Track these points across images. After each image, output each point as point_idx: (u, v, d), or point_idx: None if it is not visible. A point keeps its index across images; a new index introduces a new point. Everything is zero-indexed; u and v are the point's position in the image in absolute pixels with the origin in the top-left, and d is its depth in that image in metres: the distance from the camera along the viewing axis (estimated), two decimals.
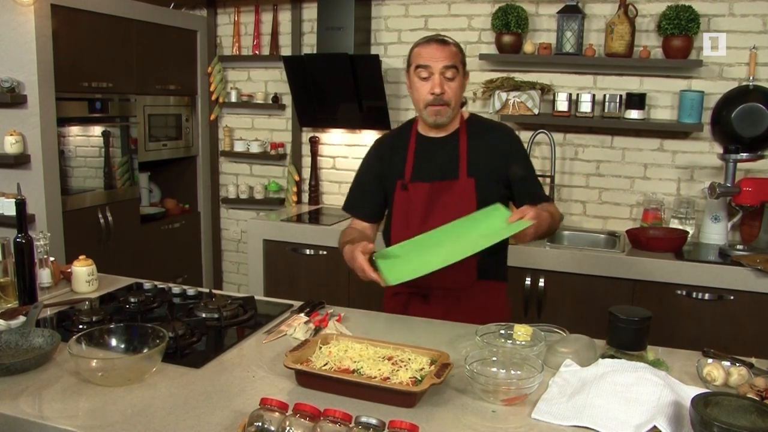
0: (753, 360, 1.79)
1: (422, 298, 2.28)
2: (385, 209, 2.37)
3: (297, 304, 2.26)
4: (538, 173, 3.79)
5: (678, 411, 1.45)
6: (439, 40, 2.15)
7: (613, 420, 1.43)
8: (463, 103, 2.31)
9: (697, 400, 1.34)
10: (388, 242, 2.30)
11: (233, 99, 4.59)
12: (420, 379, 1.55)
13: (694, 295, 3.11)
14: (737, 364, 1.70)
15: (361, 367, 1.59)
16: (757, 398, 1.46)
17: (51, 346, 1.73)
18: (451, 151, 2.22)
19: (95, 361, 1.61)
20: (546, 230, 2.11)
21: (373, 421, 1.24)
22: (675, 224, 3.63)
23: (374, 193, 2.35)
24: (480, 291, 2.27)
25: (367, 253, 1.99)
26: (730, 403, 1.37)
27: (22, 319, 1.98)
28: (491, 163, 2.21)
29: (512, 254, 2.42)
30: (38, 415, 1.46)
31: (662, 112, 3.70)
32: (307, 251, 3.84)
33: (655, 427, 1.39)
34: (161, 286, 2.43)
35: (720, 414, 1.32)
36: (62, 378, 1.64)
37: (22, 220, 2.15)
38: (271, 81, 4.56)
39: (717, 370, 1.65)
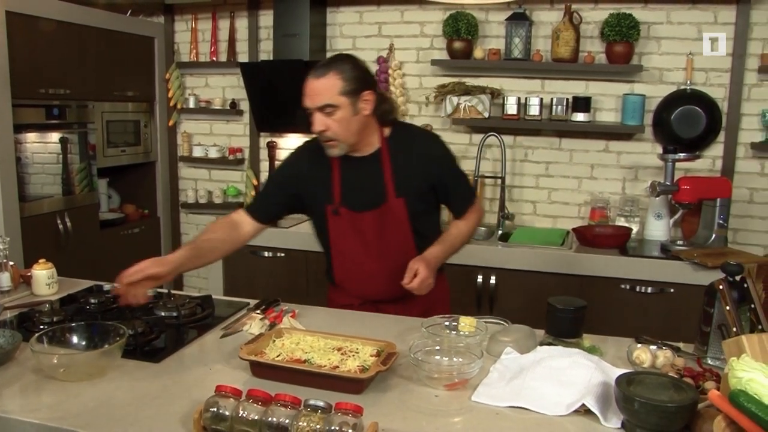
0: (681, 344, 1.93)
1: (373, 306, 2.33)
2: (278, 217, 2.45)
3: (253, 302, 2.34)
4: (489, 175, 3.99)
5: (606, 390, 1.57)
6: (314, 75, 2.04)
7: (547, 400, 1.55)
8: (388, 117, 2.23)
9: (620, 379, 1.46)
10: (331, 269, 2.37)
11: (191, 105, 4.63)
12: (367, 367, 1.64)
13: (637, 288, 3.27)
14: (664, 348, 1.83)
15: (312, 357, 1.68)
16: (676, 376, 1.58)
17: (12, 346, 1.77)
18: (375, 174, 2.19)
19: (57, 356, 1.67)
20: (451, 255, 2.27)
21: (321, 404, 1.33)
22: (621, 222, 3.78)
23: (278, 198, 2.33)
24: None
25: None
26: (651, 381, 1.49)
27: None
28: (419, 174, 2.20)
29: (464, 253, 2.48)
30: (0, 409, 1.50)
31: (607, 114, 3.86)
32: (266, 253, 3.90)
33: (583, 404, 1.51)
34: None
35: (642, 391, 1.44)
36: (24, 375, 1.69)
37: None
38: (229, 87, 4.61)
39: (645, 354, 1.78)
